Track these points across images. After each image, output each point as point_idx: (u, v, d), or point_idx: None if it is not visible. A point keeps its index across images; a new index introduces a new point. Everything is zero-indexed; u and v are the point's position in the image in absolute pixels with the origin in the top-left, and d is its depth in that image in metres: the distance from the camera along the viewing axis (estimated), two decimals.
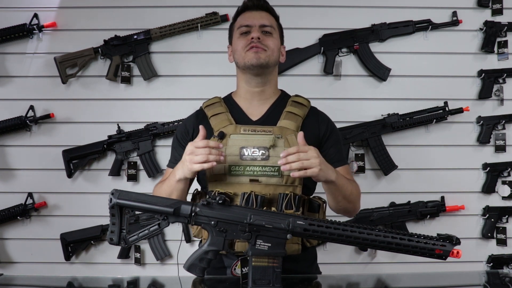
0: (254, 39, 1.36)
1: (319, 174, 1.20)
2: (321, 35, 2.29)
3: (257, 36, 1.36)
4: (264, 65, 1.37)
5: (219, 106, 1.42)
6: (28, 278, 1.70)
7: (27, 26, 2.24)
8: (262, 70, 1.38)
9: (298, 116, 1.39)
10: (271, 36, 1.40)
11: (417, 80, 2.31)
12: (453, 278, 1.46)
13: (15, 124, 2.23)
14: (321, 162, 1.21)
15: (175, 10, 2.29)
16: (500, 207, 2.30)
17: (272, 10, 1.46)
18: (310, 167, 1.18)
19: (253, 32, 1.38)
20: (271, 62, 1.39)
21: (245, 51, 1.37)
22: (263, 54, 1.36)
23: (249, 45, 1.36)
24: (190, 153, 1.22)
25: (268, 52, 1.37)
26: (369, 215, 2.25)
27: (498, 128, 2.29)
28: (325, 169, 1.22)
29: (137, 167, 2.28)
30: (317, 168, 1.18)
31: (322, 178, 1.23)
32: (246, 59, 1.36)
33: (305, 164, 1.18)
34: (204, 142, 1.22)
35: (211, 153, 1.21)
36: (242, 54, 1.38)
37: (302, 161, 1.18)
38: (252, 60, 1.35)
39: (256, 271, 1.08)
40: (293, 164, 1.18)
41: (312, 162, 1.18)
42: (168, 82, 2.30)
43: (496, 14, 2.31)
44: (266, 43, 1.37)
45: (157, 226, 1.12)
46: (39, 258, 2.28)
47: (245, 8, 1.44)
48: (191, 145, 1.23)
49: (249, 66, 1.36)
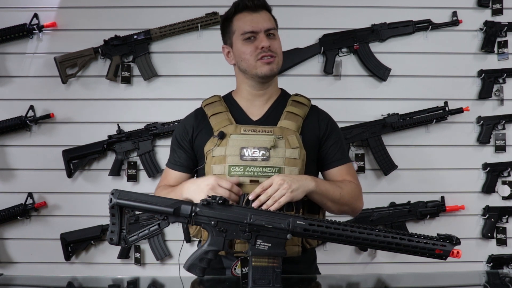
0: (265, 48, 1.34)
1: (294, 196, 1.21)
2: (321, 35, 2.29)
3: (267, 45, 1.34)
4: (275, 74, 1.39)
5: (219, 106, 1.41)
6: (28, 278, 1.70)
7: (27, 26, 2.24)
8: (272, 78, 1.40)
9: (298, 116, 1.38)
10: (275, 38, 1.39)
11: (417, 80, 2.31)
12: (453, 278, 1.46)
13: (15, 124, 2.23)
14: (291, 183, 1.20)
15: (175, 10, 2.28)
16: (500, 207, 2.30)
17: (268, 5, 1.42)
18: (282, 196, 1.19)
19: (262, 40, 1.34)
20: (280, 68, 1.40)
21: (255, 60, 1.35)
22: (275, 64, 1.37)
23: (259, 55, 1.35)
24: (211, 189, 1.22)
25: (277, 58, 1.38)
26: (369, 215, 2.24)
27: (498, 128, 2.29)
28: (298, 186, 1.22)
29: (137, 167, 2.28)
30: (288, 192, 1.19)
31: (301, 195, 1.23)
32: (259, 70, 1.35)
33: (276, 196, 1.19)
34: (228, 185, 1.23)
35: (230, 196, 1.22)
36: (253, 63, 1.35)
37: (273, 196, 1.19)
38: (266, 71, 1.35)
39: (256, 271, 1.09)
40: (268, 202, 1.19)
41: (281, 192, 1.19)
42: (168, 82, 2.30)
43: (496, 14, 2.31)
44: (274, 49, 1.36)
45: (157, 226, 1.12)
46: (39, 258, 2.28)
47: (243, 8, 1.38)
48: (214, 181, 1.23)
49: (262, 76, 1.36)
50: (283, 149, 1.30)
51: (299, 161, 1.31)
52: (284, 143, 1.31)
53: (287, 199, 1.19)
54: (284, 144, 1.31)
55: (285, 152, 1.30)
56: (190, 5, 2.28)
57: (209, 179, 1.24)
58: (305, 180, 1.25)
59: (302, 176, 1.27)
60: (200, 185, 1.25)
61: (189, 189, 1.28)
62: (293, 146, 1.31)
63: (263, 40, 1.34)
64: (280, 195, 1.19)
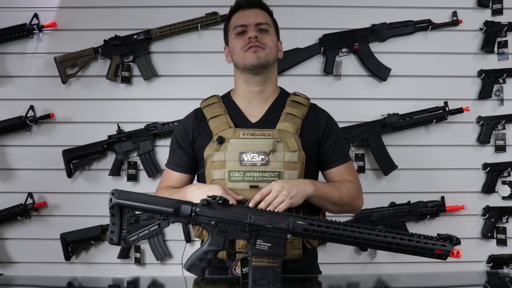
0: (251, 38, 1.35)
1: (293, 202, 1.21)
2: (321, 35, 2.29)
3: (254, 35, 1.35)
4: (264, 64, 1.37)
5: (218, 108, 1.41)
6: (28, 278, 1.70)
7: (27, 26, 2.24)
8: (262, 69, 1.38)
9: (297, 117, 1.38)
10: (268, 33, 1.40)
11: (417, 80, 2.31)
12: (453, 278, 1.46)
13: (15, 124, 2.22)
14: (290, 189, 1.21)
15: (175, 10, 2.28)
16: (500, 207, 2.30)
17: (265, 6, 1.44)
18: (282, 203, 1.19)
19: (250, 31, 1.37)
20: (270, 60, 1.38)
21: (243, 51, 1.36)
22: (262, 53, 1.36)
23: (247, 45, 1.36)
24: None
25: (267, 50, 1.37)
26: (369, 215, 2.24)
27: (498, 128, 2.29)
28: (297, 192, 1.22)
29: (137, 167, 2.28)
30: (287, 199, 1.20)
31: (300, 200, 1.23)
32: (246, 60, 1.36)
33: (276, 203, 1.19)
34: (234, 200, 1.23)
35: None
36: (241, 54, 1.37)
37: (272, 203, 1.19)
38: (252, 60, 1.35)
39: (256, 271, 1.09)
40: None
41: (280, 198, 1.20)
42: (168, 82, 2.30)
43: (496, 14, 2.31)
44: (263, 42, 1.37)
45: (157, 226, 1.12)
46: (39, 258, 2.28)
47: (238, 7, 1.42)
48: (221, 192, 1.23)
49: (249, 66, 1.36)
50: (282, 153, 1.30)
51: (298, 165, 1.31)
52: (283, 147, 1.31)
53: (287, 205, 1.20)
54: (283, 147, 1.31)
55: (284, 156, 1.30)
56: (190, 5, 2.28)
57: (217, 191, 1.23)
58: (304, 185, 1.25)
59: (300, 180, 1.27)
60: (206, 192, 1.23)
61: (193, 193, 1.27)
62: (292, 149, 1.31)
63: (251, 31, 1.36)
64: (279, 202, 1.19)
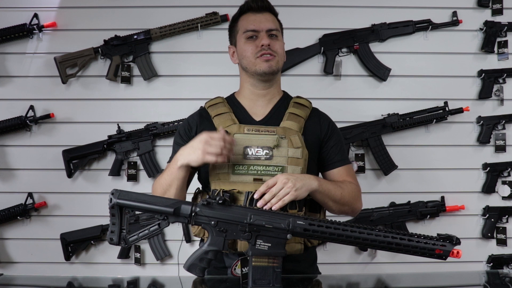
0: (264, 46, 1.37)
1: (298, 195, 1.22)
2: (321, 35, 2.29)
3: (267, 43, 1.37)
4: (275, 72, 1.40)
5: (222, 107, 1.42)
6: (28, 278, 1.70)
7: (27, 26, 2.24)
8: (272, 76, 1.41)
9: (300, 117, 1.40)
10: (277, 39, 1.42)
11: (417, 80, 2.31)
12: (453, 278, 1.46)
13: (15, 124, 2.23)
14: (295, 182, 1.21)
15: (175, 10, 2.29)
16: (500, 207, 2.30)
17: (273, 9, 1.47)
18: (287, 194, 1.20)
19: (262, 38, 1.38)
20: (280, 67, 1.42)
21: (255, 57, 1.38)
22: (274, 61, 1.38)
23: (259, 52, 1.37)
24: (205, 143, 1.23)
25: (278, 57, 1.40)
26: (369, 215, 2.25)
27: (498, 128, 2.29)
28: (302, 185, 1.23)
29: (137, 167, 2.28)
30: (292, 191, 1.20)
31: (304, 194, 1.24)
32: (257, 67, 1.38)
33: (281, 195, 1.19)
34: (221, 135, 1.24)
35: (225, 147, 1.23)
36: (252, 60, 1.38)
37: (277, 194, 1.19)
38: (265, 68, 1.37)
39: (256, 271, 1.09)
40: (272, 201, 1.19)
41: (285, 190, 1.20)
42: (168, 82, 2.30)
43: (496, 14, 2.31)
44: (274, 49, 1.39)
45: (157, 226, 1.12)
46: (39, 258, 2.28)
47: (248, 9, 1.44)
48: (206, 135, 1.24)
49: (260, 73, 1.38)
50: (286, 148, 1.31)
51: (301, 161, 1.32)
52: (287, 143, 1.32)
53: (291, 197, 1.20)
54: (286, 143, 1.32)
55: (288, 151, 1.32)
56: (190, 5, 2.28)
57: (201, 136, 1.25)
58: (309, 179, 1.26)
59: (305, 175, 1.28)
60: (193, 145, 1.25)
61: (184, 153, 1.27)
62: (296, 146, 1.32)
63: (264, 38, 1.38)
64: (285, 193, 1.20)
